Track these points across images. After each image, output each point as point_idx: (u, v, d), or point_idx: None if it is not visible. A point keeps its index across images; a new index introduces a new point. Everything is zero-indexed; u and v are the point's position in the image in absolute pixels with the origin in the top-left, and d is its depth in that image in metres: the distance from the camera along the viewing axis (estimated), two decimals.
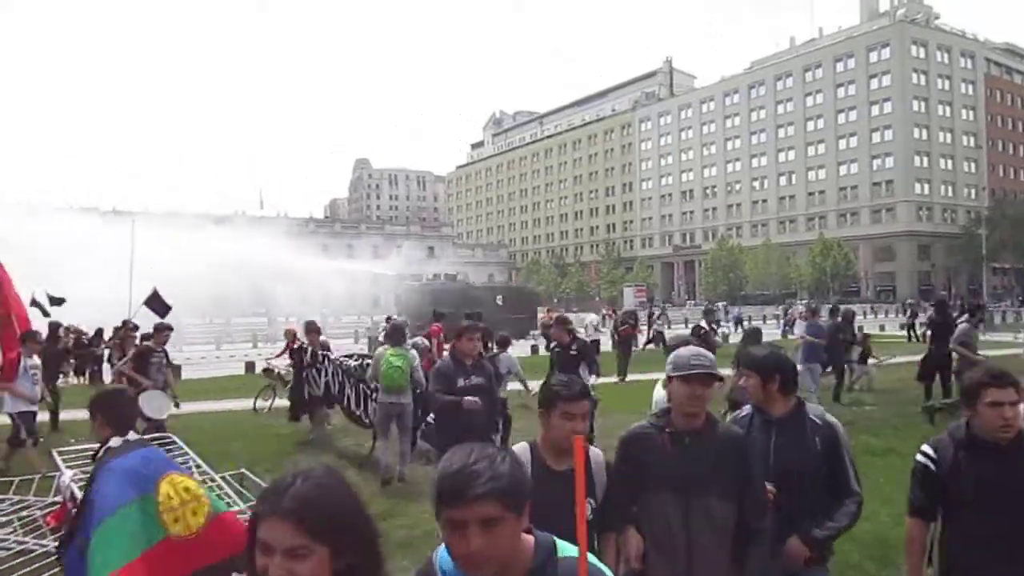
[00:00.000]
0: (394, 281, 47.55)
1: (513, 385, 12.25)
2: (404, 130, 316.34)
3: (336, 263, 49.18)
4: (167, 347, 11.63)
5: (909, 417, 12.27)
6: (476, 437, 6.33)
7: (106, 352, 21.18)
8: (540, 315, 40.46)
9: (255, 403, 14.81)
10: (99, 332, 21.23)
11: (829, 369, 14.80)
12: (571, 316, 38.18)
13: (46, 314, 23.55)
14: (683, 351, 3.21)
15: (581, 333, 16.17)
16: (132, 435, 3.62)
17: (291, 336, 13.99)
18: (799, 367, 7.96)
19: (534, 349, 28.48)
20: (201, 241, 46.84)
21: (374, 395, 9.92)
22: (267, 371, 15.59)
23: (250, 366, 22.51)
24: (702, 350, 3.25)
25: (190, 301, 31.91)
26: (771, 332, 38.43)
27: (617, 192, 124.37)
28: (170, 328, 11.02)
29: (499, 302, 40.88)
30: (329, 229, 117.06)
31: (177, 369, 23.50)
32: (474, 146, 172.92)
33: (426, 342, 14.51)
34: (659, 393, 5.49)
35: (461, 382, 7.10)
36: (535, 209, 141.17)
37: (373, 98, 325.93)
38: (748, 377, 3.60)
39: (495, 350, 12.95)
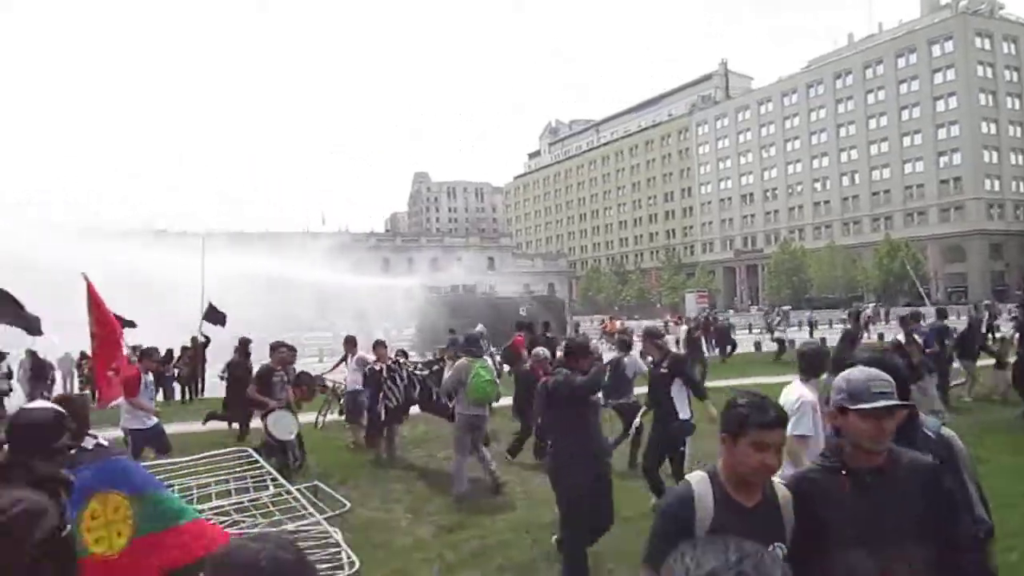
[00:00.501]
0: (419, 292, 46.89)
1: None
2: (461, 142, 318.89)
3: (368, 278, 48.72)
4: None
5: (993, 424, 11.86)
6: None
7: (175, 371, 21.81)
8: (591, 324, 40.04)
9: (317, 418, 15.02)
10: (169, 353, 21.64)
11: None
12: (631, 324, 37.77)
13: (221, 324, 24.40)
14: (856, 374, 2.63)
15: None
16: (89, 442, 3.68)
17: (350, 346, 14.03)
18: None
19: None
20: (265, 258, 47.95)
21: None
22: (323, 386, 15.27)
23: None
24: (878, 372, 2.63)
25: (258, 318, 32.62)
26: (837, 336, 37.56)
27: (676, 197, 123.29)
28: (287, 347, 10.76)
29: (523, 312, 40.03)
30: (390, 243, 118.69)
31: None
32: (531, 156, 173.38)
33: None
34: (792, 395, 4.99)
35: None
36: (594, 217, 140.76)
37: (430, 112, 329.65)
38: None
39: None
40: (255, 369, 11.62)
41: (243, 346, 14.53)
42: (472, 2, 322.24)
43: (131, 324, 23.52)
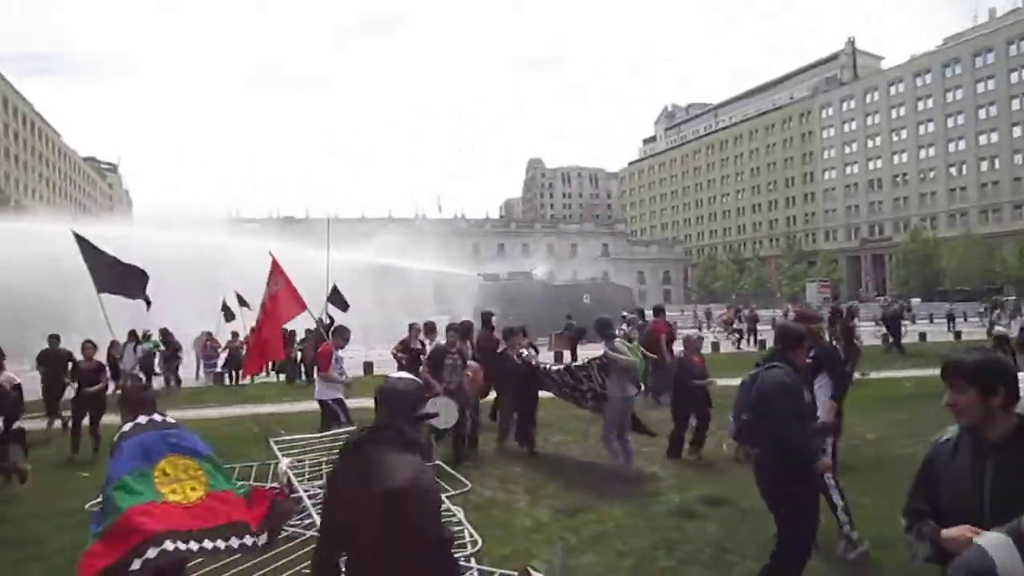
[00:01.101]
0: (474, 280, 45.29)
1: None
2: (576, 128, 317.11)
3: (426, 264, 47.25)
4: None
5: None
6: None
7: (298, 354, 22.45)
8: (718, 312, 39.06)
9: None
10: (291, 335, 21.94)
11: None
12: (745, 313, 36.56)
13: (229, 318, 25.65)
14: None
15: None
16: (143, 419, 4.51)
17: (416, 333, 13.68)
18: None
19: None
20: (382, 244, 49.00)
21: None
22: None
23: (367, 367, 23.00)
24: None
25: (372, 302, 33.54)
26: (973, 331, 35.71)
27: (797, 183, 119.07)
28: (456, 329, 10.81)
29: (587, 300, 38.19)
30: (505, 229, 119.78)
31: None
32: (646, 141, 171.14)
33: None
34: None
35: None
36: (711, 203, 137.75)
37: (544, 96, 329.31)
38: (958, 390, 2.78)
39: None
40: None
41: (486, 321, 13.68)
42: None
43: (243, 304, 24.85)
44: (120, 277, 12.58)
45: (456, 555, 6.04)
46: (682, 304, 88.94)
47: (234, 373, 22.87)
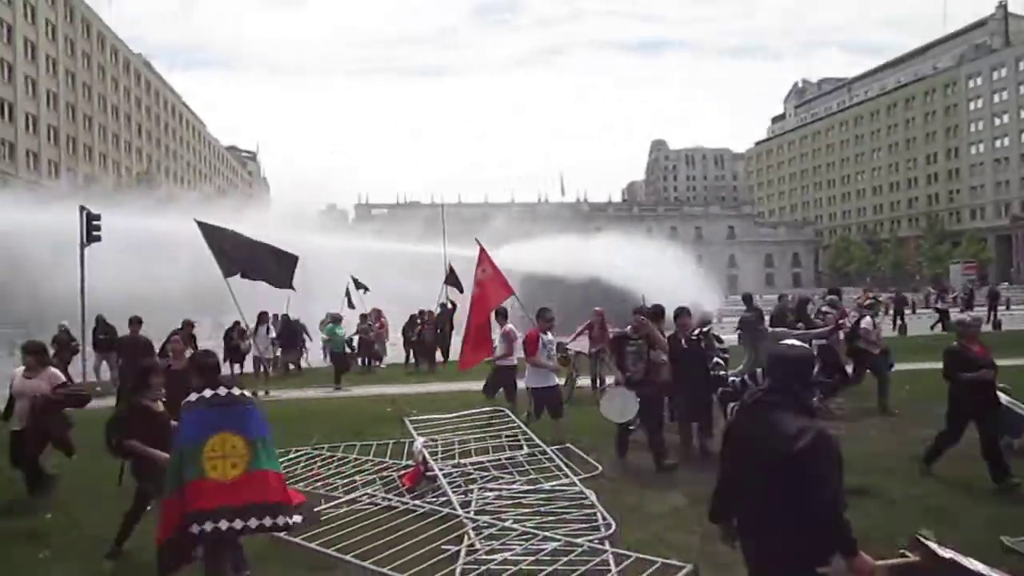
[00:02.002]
0: None
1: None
2: (700, 108, 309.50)
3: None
4: None
5: None
6: None
7: (418, 336, 22.52)
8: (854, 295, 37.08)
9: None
10: (412, 319, 22.39)
11: None
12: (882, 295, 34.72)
13: (351, 306, 25.85)
14: None
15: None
16: (207, 392, 4.79)
17: (599, 319, 14.16)
18: None
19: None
20: (500, 229, 49.24)
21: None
22: (563, 357, 14.06)
23: None
24: None
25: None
26: None
27: (940, 159, 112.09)
28: (643, 312, 9.63)
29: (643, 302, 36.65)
30: (628, 212, 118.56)
31: None
32: (775, 120, 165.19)
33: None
34: None
35: None
36: (844, 183, 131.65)
37: (667, 77, 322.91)
38: None
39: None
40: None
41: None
42: None
43: (364, 288, 25.04)
44: (254, 262, 12.53)
45: (589, 538, 6.05)
46: (812, 287, 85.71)
47: (367, 359, 22.56)
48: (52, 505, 7.87)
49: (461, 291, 21.51)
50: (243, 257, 12.42)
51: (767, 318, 15.90)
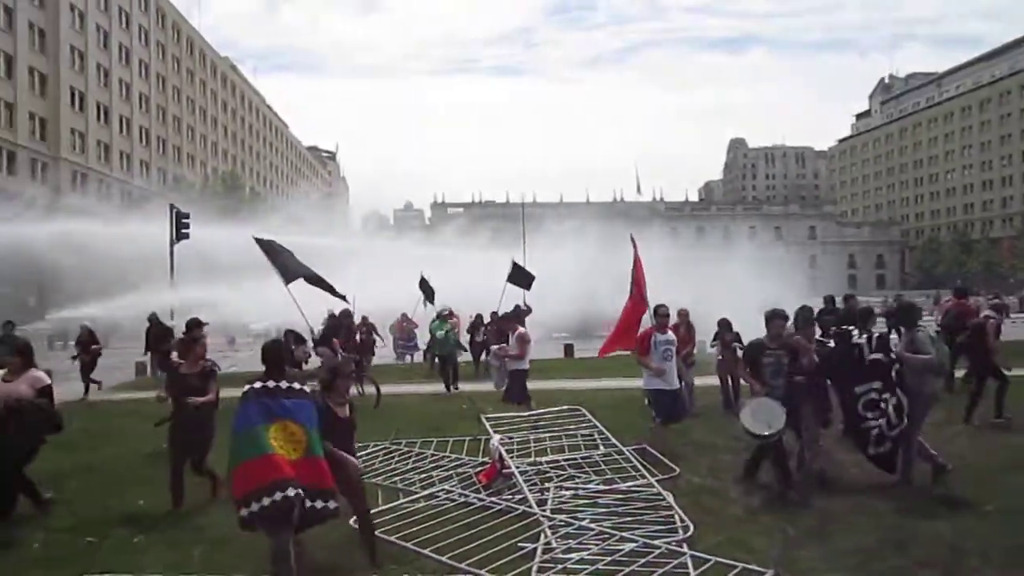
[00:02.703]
0: None
1: None
2: (778, 106, 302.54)
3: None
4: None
5: None
6: None
7: (484, 337, 21.93)
8: (941, 300, 35.74)
9: None
10: (479, 318, 21.36)
11: None
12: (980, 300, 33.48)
13: (430, 299, 25.44)
14: None
15: None
16: (271, 383, 5.43)
17: (684, 319, 13.45)
18: None
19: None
20: (578, 229, 48.99)
21: None
22: None
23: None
24: None
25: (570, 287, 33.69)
26: None
27: None
28: (783, 318, 8.05)
29: None
30: (705, 212, 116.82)
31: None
32: (859, 116, 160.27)
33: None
34: None
35: None
36: (932, 181, 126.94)
37: (747, 74, 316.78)
38: None
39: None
40: None
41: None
42: None
43: (430, 292, 24.19)
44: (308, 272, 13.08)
45: (667, 539, 5.99)
46: (897, 289, 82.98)
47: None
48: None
49: (528, 288, 21.11)
50: (300, 266, 13.01)
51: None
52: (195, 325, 9.30)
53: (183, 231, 25.90)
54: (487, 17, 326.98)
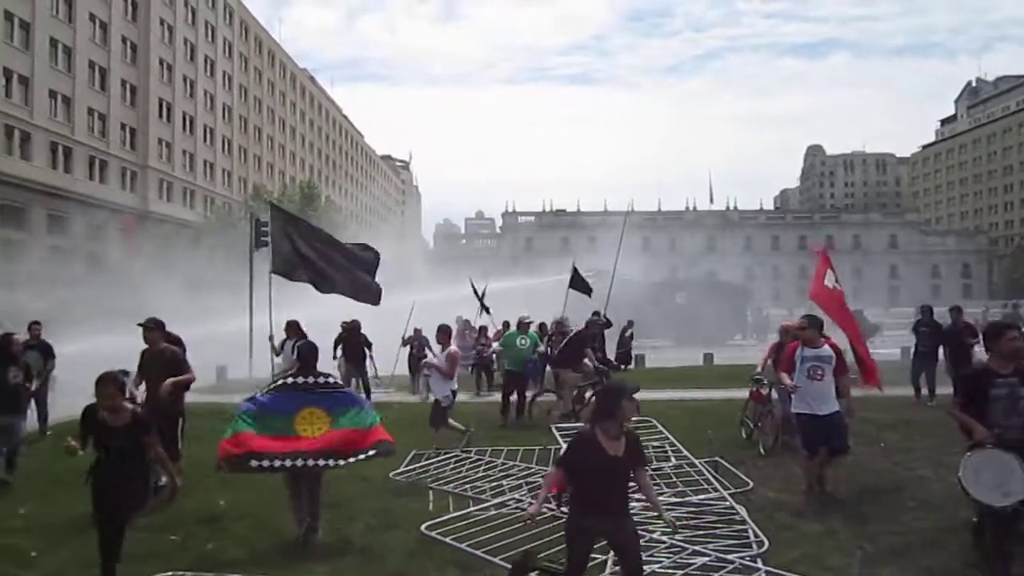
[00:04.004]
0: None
1: None
2: (861, 112, 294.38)
3: None
4: None
5: None
6: None
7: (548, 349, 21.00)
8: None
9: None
10: (541, 327, 19.04)
11: None
12: None
13: (486, 309, 24.36)
14: None
15: None
16: (300, 379, 6.89)
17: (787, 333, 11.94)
18: None
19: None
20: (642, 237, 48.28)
21: None
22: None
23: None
24: None
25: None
26: None
27: None
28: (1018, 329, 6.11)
29: (681, 300, 34.85)
30: (780, 220, 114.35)
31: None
32: (944, 122, 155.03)
33: None
34: None
35: None
36: (1022, 188, 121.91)
37: (827, 79, 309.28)
38: None
39: None
40: None
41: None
42: None
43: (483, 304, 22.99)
44: (329, 266, 10.85)
45: (741, 555, 5.89)
46: (986, 300, 79.80)
47: (483, 374, 19.43)
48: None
49: (589, 295, 19.82)
50: (313, 259, 10.72)
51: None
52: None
53: (263, 239, 26.52)
54: (563, 25, 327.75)
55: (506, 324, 19.00)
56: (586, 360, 14.06)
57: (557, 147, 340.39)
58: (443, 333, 11.45)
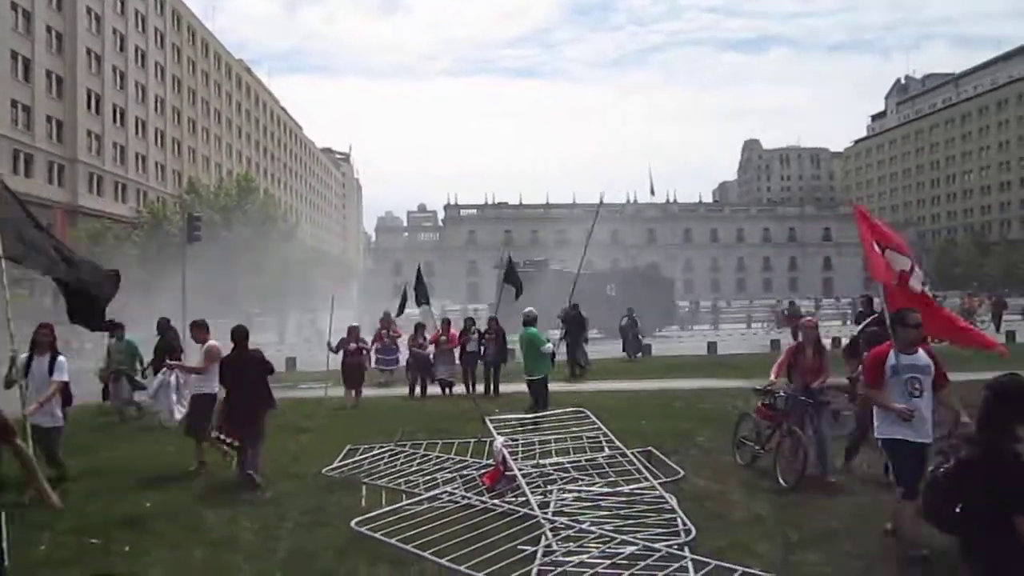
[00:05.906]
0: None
1: None
2: (793, 106, 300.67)
3: None
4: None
5: None
6: None
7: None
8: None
9: None
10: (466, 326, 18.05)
11: None
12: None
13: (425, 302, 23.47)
14: None
15: None
16: None
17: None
18: None
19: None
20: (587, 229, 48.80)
21: None
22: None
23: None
24: None
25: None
26: None
27: None
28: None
29: (611, 292, 34.96)
30: (719, 213, 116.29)
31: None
32: (874, 117, 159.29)
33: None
34: None
35: None
36: (949, 182, 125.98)
37: (760, 76, 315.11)
38: None
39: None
40: None
41: None
42: None
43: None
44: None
45: (668, 543, 5.95)
46: None
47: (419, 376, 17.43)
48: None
49: (517, 297, 15.92)
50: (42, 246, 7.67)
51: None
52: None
53: (195, 233, 26.03)
54: (506, 18, 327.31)
55: (445, 322, 17.72)
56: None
57: (501, 140, 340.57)
58: (198, 328, 10.14)
